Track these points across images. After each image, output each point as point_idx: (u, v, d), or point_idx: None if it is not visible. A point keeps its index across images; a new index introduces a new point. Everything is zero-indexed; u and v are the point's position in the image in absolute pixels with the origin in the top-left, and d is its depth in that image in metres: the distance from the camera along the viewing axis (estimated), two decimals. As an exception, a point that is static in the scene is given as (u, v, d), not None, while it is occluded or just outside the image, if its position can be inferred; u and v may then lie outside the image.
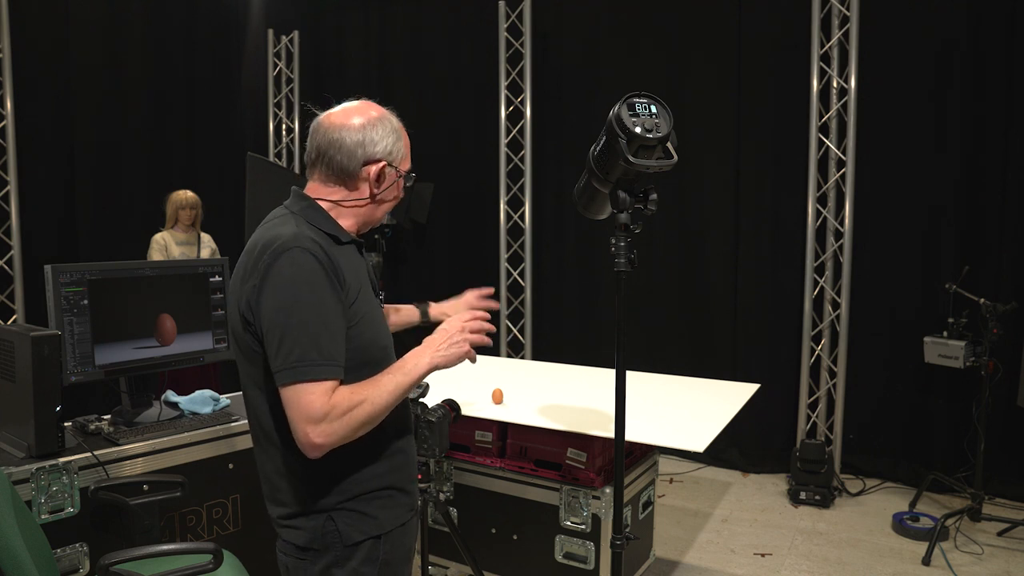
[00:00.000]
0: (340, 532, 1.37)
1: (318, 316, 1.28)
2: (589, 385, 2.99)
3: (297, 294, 1.28)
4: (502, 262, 5.33)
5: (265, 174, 4.41)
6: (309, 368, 1.25)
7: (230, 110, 5.96)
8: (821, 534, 3.61)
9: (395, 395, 1.34)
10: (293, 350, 1.25)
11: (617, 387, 1.54)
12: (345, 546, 1.37)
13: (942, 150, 4.02)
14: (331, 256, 1.33)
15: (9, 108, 4.40)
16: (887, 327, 4.21)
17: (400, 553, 1.47)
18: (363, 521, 1.39)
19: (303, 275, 1.28)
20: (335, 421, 1.25)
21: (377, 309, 1.47)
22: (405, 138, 1.49)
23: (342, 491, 1.38)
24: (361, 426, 1.29)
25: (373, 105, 1.47)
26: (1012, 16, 3.78)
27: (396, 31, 5.77)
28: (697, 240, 4.72)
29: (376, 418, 1.31)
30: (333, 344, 1.29)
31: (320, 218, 1.41)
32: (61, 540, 1.97)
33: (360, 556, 1.38)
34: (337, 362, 1.29)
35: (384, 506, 1.42)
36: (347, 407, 1.26)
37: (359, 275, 1.42)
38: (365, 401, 1.29)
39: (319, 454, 1.28)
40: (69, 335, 2.15)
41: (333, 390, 1.27)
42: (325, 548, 1.37)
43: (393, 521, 1.44)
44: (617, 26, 4.87)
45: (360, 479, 1.39)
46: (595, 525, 2.42)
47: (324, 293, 1.29)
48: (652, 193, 1.51)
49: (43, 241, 4.69)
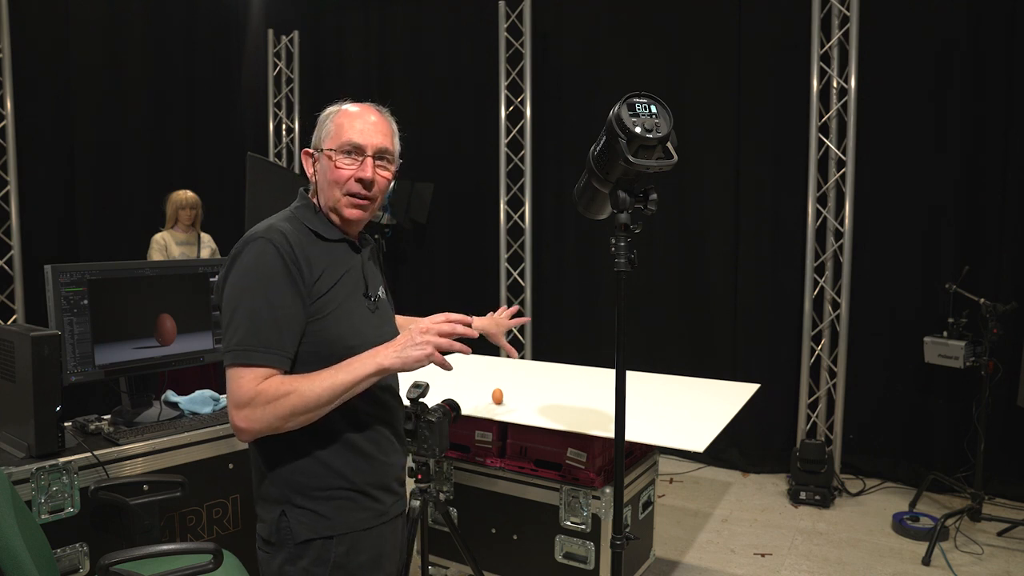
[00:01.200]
0: (291, 528, 1.37)
1: (265, 303, 1.30)
2: (589, 385, 2.99)
3: (250, 282, 1.31)
4: (502, 262, 5.33)
5: (265, 174, 4.41)
6: (245, 352, 1.28)
7: (230, 110, 5.96)
8: (821, 534, 3.61)
9: (332, 391, 1.29)
10: (235, 334, 1.29)
11: (617, 387, 1.54)
12: (295, 543, 1.37)
13: (942, 150, 4.02)
14: (299, 250, 1.35)
15: (9, 108, 4.40)
16: (887, 327, 4.21)
17: (362, 559, 1.42)
18: (314, 519, 1.37)
19: (260, 264, 1.32)
20: (258, 407, 1.26)
21: (358, 308, 1.45)
22: (340, 117, 1.44)
23: (294, 486, 1.38)
24: (288, 417, 1.28)
25: (348, 103, 1.49)
26: (1012, 16, 3.79)
27: (396, 31, 5.77)
28: (697, 240, 4.73)
29: (307, 411, 1.29)
30: (276, 333, 1.30)
31: (309, 215, 1.45)
32: (61, 540, 1.97)
33: (311, 556, 1.37)
34: (276, 351, 1.30)
35: (341, 507, 1.39)
36: (273, 395, 1.26)
37: (339, 272, 1.42)
38: (293, 392, 1.27)
39: (246, 438, 1.32)
40: (69, 335, 2.15)
41: (266, 377, 1.28)
42: (280, 543, 1.38)
43: (351, 524, 1.40)
44: (617, 26, 4.87)
45: (313, 475, 1.38)
46: (595, 525, 2.42)
47: (278, 283, 1.31)
48: (652, 193, 1.51)
49: (43, 241, 4.70)
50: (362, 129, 1.43)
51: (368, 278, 1.51)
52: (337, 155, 1.42)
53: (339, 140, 1.42)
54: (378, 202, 1.49)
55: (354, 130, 1.42)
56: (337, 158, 1.42)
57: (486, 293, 5.38)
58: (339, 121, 1.44)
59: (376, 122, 1.46)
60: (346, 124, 1.43)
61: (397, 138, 1.53)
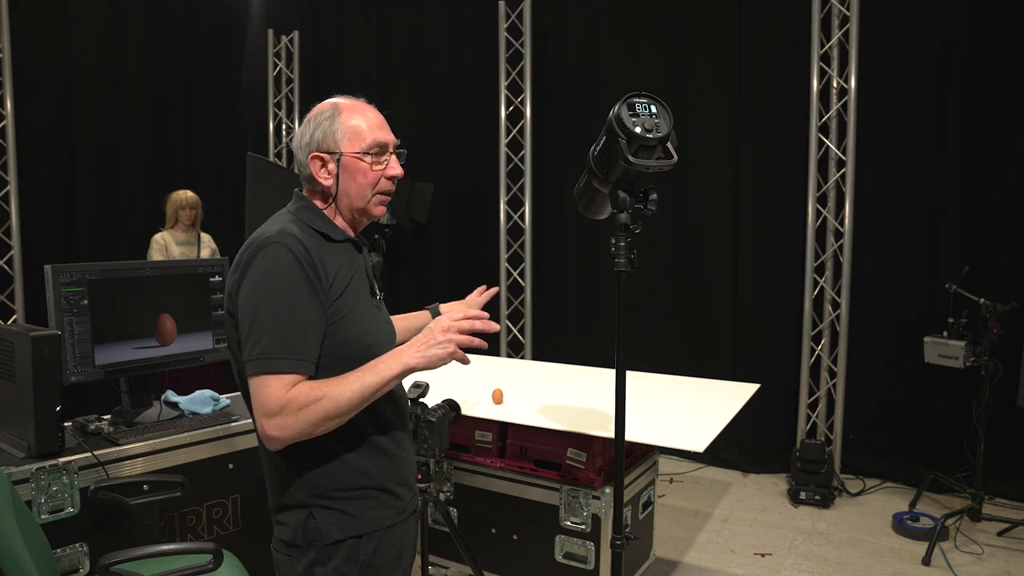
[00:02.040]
0: (320, 530, 1.37)
1: (288, 310, 1.29)
2: (589, 385, 2.99)
3: (269, 287, 1.29)
4: (502, 262, 5.32)
5: (265, 174, 4.41)
6: (271, 360, 1.26)
7: (230, 110, 5.96)
8: (821, 534, 3.61)
9: (361, 394, 1.30)
10: (259, 342, 1.27)
11: (617, 387, 1.54)
12: (325, 544, 1.37)
13: (942, 150, 4.02)
14: (314, 253, 1.34)
15: (9, 108, 4.40)
16: (887, 327, 4.21)
17: (387, 556, 1.43)
18: (343, 520, 1.38)
19: (278, 270, 1.30)
20: (290, 415, 1.25)
21: (369, 308, 1.45)
22: (349, 117, 1.41)
23: (321, 488, 1.38)
24: (320, 422, 1.27)
25: (335, 99, 1.45)
26: (1012, 16, 3.78)
27: (396, 31, 5.77)
28: (697, 240, 4.72)
29: (338, 415, 1.29)
30: (301, 338, 1.29)
31: (312, 216, 1.43)
32: (61, 540, 1.97)
33: (341, 555, 1.37)
34: (303, 356, 1.29)
35: (367, 506, 1.40)
36: (304, 402, 1.26)
37: (350, 273, 1.41)
38: (324, 398, 1.27)
39: (277, 447, 1.30)
40: (69, 335, 2.15)
41: (294, 384, 1.27)
42: (308, 545, 1.38)
43: (377, 522, 1.41)
44: (617, 26, 4.87)
45: (339, 477, 1.38)
46: (595, 525, 2.42)
47: (298, 288, 1.30)
48: (652, 193, 1.51)
49: (43, 241, 4.69)
50: (381, 125, 1.44)
51: (371, 277, 1.53)
52: (368, 157, 1.42)
53: (365, 142, 1.41)
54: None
55: (378, 129, 1.43)
56: (369, 160, 1.42)
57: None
58: (352, 122, 1.42)
59: (379, 115, 1.47)
60: (363, 123, 1.42)
61: None
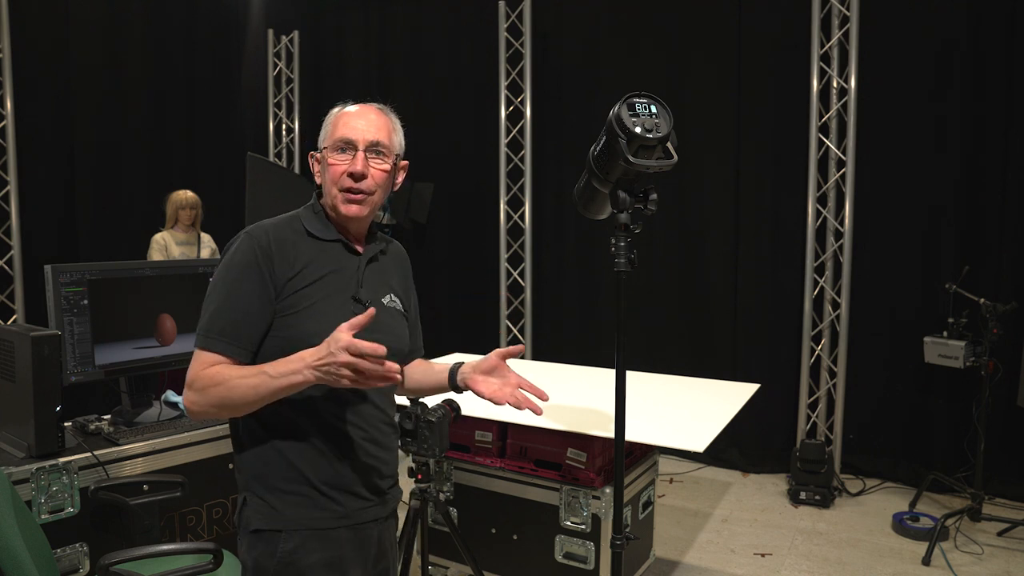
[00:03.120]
0: (246, 516, 1.41)
1: (228, 294, 1.36)
2: (589, 385, 2.99)
3: (222, 273, 1.39)
4: (502, 262, 5.32)
5: (265, 174, 4.40)
6: (202, 337, 1.36)
7: (230, 110, 5.95)
8: (821, 534, 3.61)
9: (257, 392, 1.27)
10: (200, 320, 1.38)
11: (617, 387, 1.53)
12: (248, 531, 1.40)
13: (942, 150, 4.02)
14: (277, 244, 1.39)
15: (9, 108, 4.40)
16: (887, 327, 4.21)
17: (314, 559, 1.39)
18: (266, 510, 1.39)
19: (235, 259, 1.39)
20: (197, 392, 1.33)
21: (335, 308, 1.40)
22: (334, 115, 1.47)
23: (256, 474, 1.41)
24: (219, 406, 1.32)
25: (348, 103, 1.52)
26: (1012, 16, 3.79)
27: (396, 31, 5.77)
28: (697, 240, 4.72)
29: (235, 404, 1.31)
30: (232, 324, 1.35)
31: (308, 215, 1.49)
32: (61, 540, 1.97)
33: (260, 547, 1.39)
34: (230, 341, 1.34)
35: (293, 503, 1.39)
36: (207, 383, 1.31)
37: (323, 270, 1.42)
38: (222, 384, 1.30)
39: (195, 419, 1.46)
40: (69, 335, 2.15)
41: (213, 363, 1.34)
42: (241, 529, 1.43)
43: (302, 521, 1.39)
44: (617, 26, 4.87)
45: (274, 467, 1.40)
46: (595, 525, 2.42)
47: (246, 275, 1.36)
48: (652, 193, 1.50)
49: (43, 241, 4.69)
50: (354, 125, 1.44)
51: (366, 281, 1.49)
52: (330, 152, 1.44)
53: (332, 138, 1.45)
54: (377, 196, 1.47)
55: (347, 127, 1.44)
56: (330, 155, 1.44)
57: (486, 293, 5.37)
58: (335, 121, 1.46)
59: (373, 119, 1.46)
60: (340, 122, 1.45)
61: (399, 134, 1.53)
